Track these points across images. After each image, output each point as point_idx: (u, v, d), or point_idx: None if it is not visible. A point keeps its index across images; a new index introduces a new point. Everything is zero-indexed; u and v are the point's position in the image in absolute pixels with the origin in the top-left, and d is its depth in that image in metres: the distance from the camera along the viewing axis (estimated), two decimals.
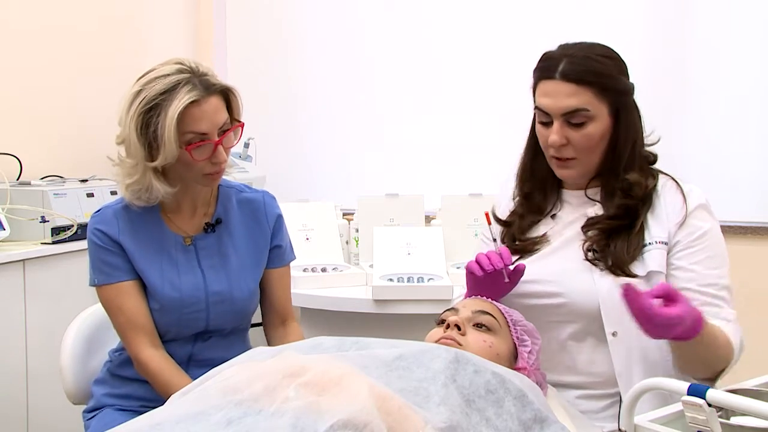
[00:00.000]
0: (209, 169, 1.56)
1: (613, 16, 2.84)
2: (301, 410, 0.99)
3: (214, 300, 1.63)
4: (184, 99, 1.48)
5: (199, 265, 1.64)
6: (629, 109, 1.48)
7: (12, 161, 2.61)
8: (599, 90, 1.43)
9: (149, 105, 1.49)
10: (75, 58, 2.91)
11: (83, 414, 1.70)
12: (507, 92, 2.96)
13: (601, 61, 1.45)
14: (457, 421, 1.04)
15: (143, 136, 1.51)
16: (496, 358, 1.30)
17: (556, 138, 1.45)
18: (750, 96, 2.70)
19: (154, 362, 1.58)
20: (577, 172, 1.50)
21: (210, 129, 1.52)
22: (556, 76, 1.44)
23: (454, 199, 2.54)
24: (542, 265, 1.51)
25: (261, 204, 1.73)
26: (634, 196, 1.47)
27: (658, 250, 1.45)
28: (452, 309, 1.42)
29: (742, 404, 0.96)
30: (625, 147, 1.48)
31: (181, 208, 1.65)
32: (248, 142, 3.11)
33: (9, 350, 2.22)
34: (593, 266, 1.46)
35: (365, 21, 3.24)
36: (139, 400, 1.62)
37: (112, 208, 1.63)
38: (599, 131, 1.45)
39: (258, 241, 1.71)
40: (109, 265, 1.60)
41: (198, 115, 1.50)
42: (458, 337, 1.33)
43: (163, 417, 1.07)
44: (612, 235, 1.47)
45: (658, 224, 1.47)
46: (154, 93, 1.49)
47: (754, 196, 2.72)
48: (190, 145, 1.51)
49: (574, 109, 1.43)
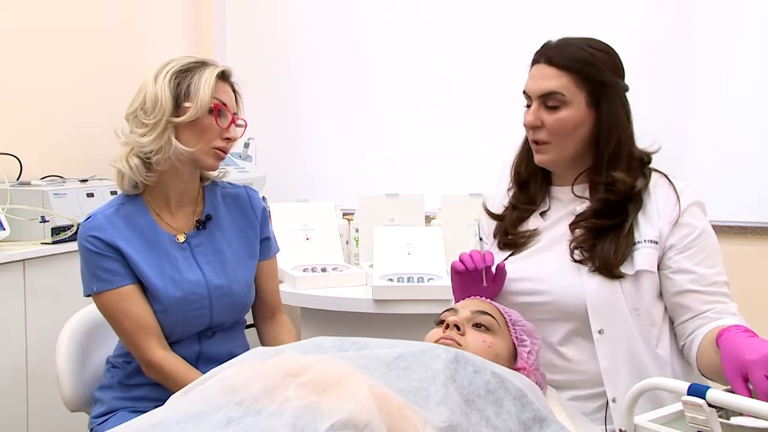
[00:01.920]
0: (220, 143, 1.62)
1: (613, 15, 2.83)
2: (301, 410, 0.99)
3: (217, 294, 1.64)
4: (216, 69, 1.62)
5: (196, 262, 1.65)
6: (611, 103, 1.47)
7: (12, 161, 2.61)
8: (579, 77, 1.45)
9: (182, 68, 1.60)
10: (75, 58, 2.91)
11: (91, 420, 1.68)
12: (507, 92, 2.95)
13: (590, 52, 1.47)
14: (457, 421, 1.04)
15: (175, 90, 1.58)
16: (495, 358, 1.30)
17: (531, 119, 1.49)
18: (750, 96, 2.70)
19: (168, 363, 1.58)
20: (551, 157, 1.51)
21: (230, 104, 1.64)
22: (542, 60, 1.49)
23: (454, 199, 2.55)
24: (531, 263, 1.53)
25: (246, 198, 1.78)
26: (617, 191, 1.46)
27: (648, 249, 1.45)
28: (451, 309, 1.42)
29: (742, 404, 0.96)
30: (608, 142, 1.47)
31: (169, 203, 1.66)
32: (248, 142, 3.10)
33: (9, 350, 2.22)
34: (581, 266, 1.46)
35: (365, 21, 3.24)
36: (154, 401, 1.59)
37: (102, 214, 1.62)
38: (573, 118, 1.46)
39: (248, 234, 1.75)
40: (107, 271, 1.58)
41: (223, 87, 1.63)
42: (457, 337, 1.33)
43: (163, 417, 1.07)
44: (599, 234, 1.47)
45: (648, 223, 1.47)
46: (186, 62, 1.61)
47: (754, 196, 2.72)
48: (217, 106, 1.60)
49: (549, 91, 1.46)
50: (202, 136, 1.59)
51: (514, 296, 1.53)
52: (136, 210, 1.63)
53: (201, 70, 1.60)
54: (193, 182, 1.69)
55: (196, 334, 1.66)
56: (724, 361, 1.20)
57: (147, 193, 1.66)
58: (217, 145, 1.61)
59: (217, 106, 1.60)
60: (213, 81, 1.59)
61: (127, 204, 1.64)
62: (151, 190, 1.65)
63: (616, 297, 1.43)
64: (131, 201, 1.65)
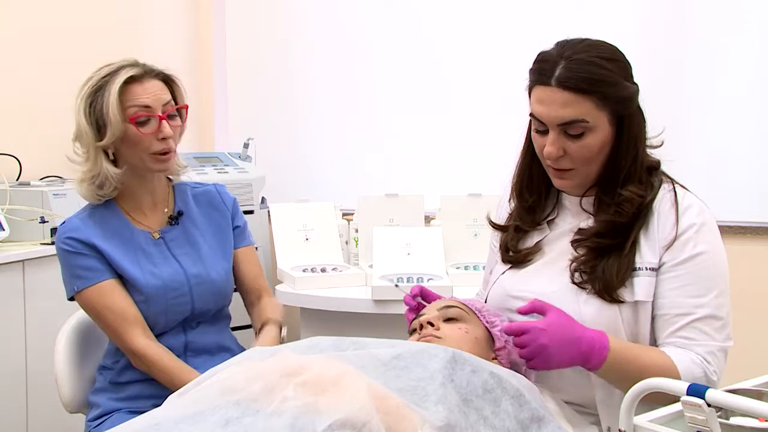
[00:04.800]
0: (157, 147, 1.60)
1: (611, 15, 2.83)
2: (299, 410, 0.99)
3: (195, 282, 1.67)
4: (125, 75, 1.58)
5: (172, 255, 1.68)
6: (632, 117, 1.36)
7: (12, 161, 2.61)
8: (599, 99, 1.31)
9: (94, 87, 1.59)
10: (75, 58, 2.91)
11: (87, 423, 1.68)
12: (507, 92, 2.95)
13: (602, 65, 1.32)
14: (455, 421, 1.04)
15: (91, 116, 1.58)
16: (475, 343, 1.32)
17: (552, 150, 1.35)
18: (750, 96, 2.69)
19: (151, 350, 1.60)
20: (576, 182, 1.41)
21: (153, 103, 1.59)
22: (552, 82, 1.32)
23: (453, 199, 2.54)
24: (531, 283, 1.44)
25: (215, 193, 1.80)
26: (624, 213, 1.36)
27: (647, 277, 1.35)
28: (417, 317, 1.42)
29: (742, 404, 0.96)
30: (626, 158, 1.37)
31: (141, 206, 1.69)
32: (248, 142, 3.10)
33: (8, 350, 2.22)
34: (580, 289, 1.37)
35: (365, 21, 3.24)
36: (150, 398, 1.61)
37: (77, 217, 1.66)
38: (599, 142, 1.34)
39: (221, 224, 1.77)
40: (86, 269, 1.61)
41: (140, 90, 1.59)
42: (434, 332, 1.34)
43: (162, 417, 1.07)
44: (601, 254, 1.37)
45: (649, 246, 1.36)
46: (98, 77, 1.60)
47: (754, 196, 2.71)
48: (134, 117, 1.57)
49: (571, 120, 1.32)
50: (136, 148, 1.60)
51: (513, 314, 1.43)
52: (109, 213, 1.67)
53: (111, 81, 1.58)
54: (159, 182, 1.72)
55: (180, 324, 1.68)
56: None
57: (118, 198, 1.69)
58: (155, 150, 1.60)
59: (134, 117, 1.58)
60: (116, 94, 1.56)
61: (100, 207, 1.68)
62: (121, 195, 1.68)
63: (616, 324, 1.34)
64: (104, 205, 1.68)
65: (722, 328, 1.34)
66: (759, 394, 1.11)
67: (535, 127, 1.39)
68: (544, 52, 1.38)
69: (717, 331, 1.33)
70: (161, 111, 1.60)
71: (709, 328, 1.33)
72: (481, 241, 2.34)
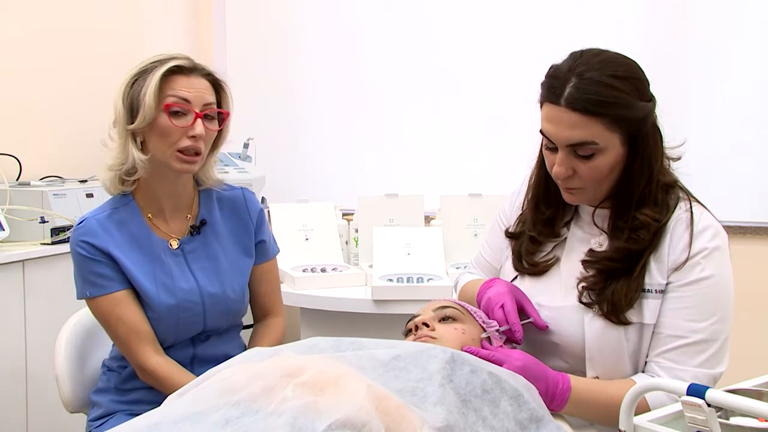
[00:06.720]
0: (184, 143, 1.53)
1: (612, 15, 2.83)
2: (299, 410, 0.99)
3: (210, 302, 1.63)
4: (172, 63, 1.53)
5: (190, 269, 1.63)
6: (647, 137, 1.32)
7: (12, 161, 2.61)
8: (610, 121, 1.27)
9: (140, 70, 1.54)
10: (75, 58, 2.91)
11: (88, 422, 1.68)
12: (507, 93, 2.96)
13: (613, 86, 1.26)
14: (454, 421, 1.04)
15: (128, 98, 1.54)
16: (471, 343, 1.32)
17: (561, 170, 1.32)
18: (750, 96, 2.70)
19: (162, 369, 1.57)
20: (585, 199, 1.39)
21: (193, 99, 1.54)
22: (561, 102, 1.27)
23: (453, 199, 2.54)
24: (538, 297, 1.44)
25: (242, 200, 1.73)
26: (640, 240, 1.33)
27: (655, 300, 1.33)
28: (412, 318, 1.42)
29: (742, 404, 0.96)
30: (641, 178, 1.33)
31: (163, 210, 1.63)
32: (248, 142, 3.10)
33: (8, 350, 2.22)
34: (587, 308, 1.36)
35: (365, 21, 3.24)
36: (153, 403, 1.57)
37: (95, 218, 1.58)
38: (609, 163, 1.31)
39: (242, 239, 1.71)
40: (100, 276, 1.56)
41: (183, 83, 1.54)
42: (430, 332, 1.34)
43: (161, 417, 1.07)
44: (611, 277, 1.35)
45: (658, 268, 1.34)
46: (147, 62, 1.55)
47: (754, 196, 2.72)
48: (169, 105, 1.52)
49: (580, 141, 1.28)
50: (163, 139, 1.53)
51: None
52: (129, 215, 1.60)
53: (155, 69, 1.52)
54: (185, 187, 1.65)
55: (190, 338, 1.64)
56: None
57: (140, 198, 1.62)
58: (182, 146, 1.53)
59: (169, 105, 1.52)
60: (158, 79, 1.50)
61: (121, 209, 1.61)
62: (143, 194, 1.62)
63: (619, 343, 1.34)
64: (125, 205, 1.61)
65: (715, 354, 1.31)
66: (759, 394, 1.11)
67: (546, 145, 1.36)
68: (556, 65, 1.33)
69: (709, 358, 1.31)
70: (199, 109, 1.54)
71: (700, 354, 1.31)
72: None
